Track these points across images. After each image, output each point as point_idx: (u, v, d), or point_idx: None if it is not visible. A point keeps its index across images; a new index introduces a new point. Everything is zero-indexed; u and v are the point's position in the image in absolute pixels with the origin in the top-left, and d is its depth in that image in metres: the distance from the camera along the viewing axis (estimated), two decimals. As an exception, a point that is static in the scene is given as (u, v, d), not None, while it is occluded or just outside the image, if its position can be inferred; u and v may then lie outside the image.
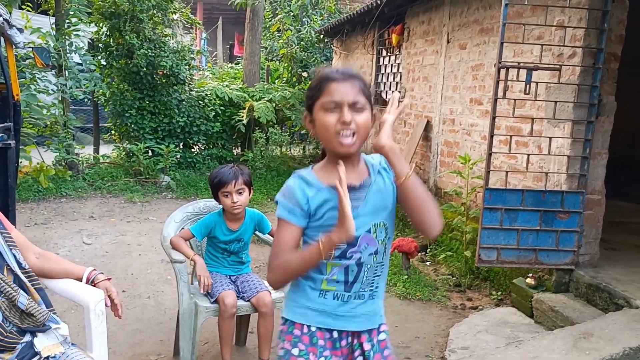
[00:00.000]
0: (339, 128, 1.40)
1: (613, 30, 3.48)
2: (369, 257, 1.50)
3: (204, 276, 2.67)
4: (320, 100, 1.43)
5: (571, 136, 3.52)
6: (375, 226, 1.50)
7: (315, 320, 1.53)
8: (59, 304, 3.20)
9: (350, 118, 1.40)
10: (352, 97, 1.41)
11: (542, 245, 3.57)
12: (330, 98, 1.41)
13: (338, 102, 1.40)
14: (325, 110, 1.42)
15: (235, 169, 2.74)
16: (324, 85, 1.43)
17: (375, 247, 1.51)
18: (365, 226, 1.48)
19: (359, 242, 1.48)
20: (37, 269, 1.95)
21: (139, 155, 7.30)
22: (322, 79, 1.44)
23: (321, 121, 1.43)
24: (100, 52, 7.75)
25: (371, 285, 1.54)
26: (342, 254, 1.48)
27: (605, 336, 2.85)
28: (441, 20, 5.50)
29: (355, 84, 1.43)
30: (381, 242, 1.52)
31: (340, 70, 1.46)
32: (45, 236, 5.13)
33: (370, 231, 1.49)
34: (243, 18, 10.77)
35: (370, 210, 1.49)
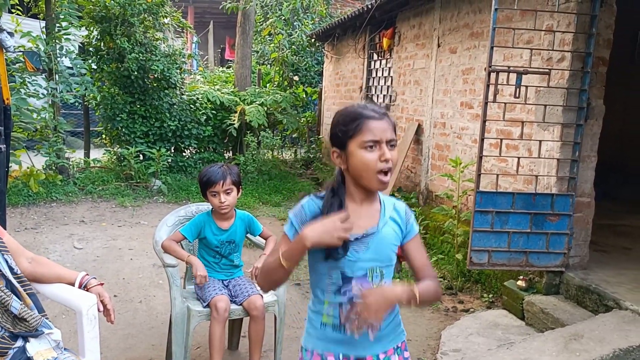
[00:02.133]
0: (381, 166, 1.45)
1: (601, 34, 3.53)
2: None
3: (201, 274, 2.66)
4: (358, 138, 1.46)
5: (561, 139, 3.56)
6: (371, 270, 1.54)
7: (321, 346, 1.60)
8: (51, 309, 3.18)
9: (391, 156, 1.46)
10: (390, 135, 1.47)
11: (532, 248, 3.60)
12: (370, 137, 1.45)
13: (378, 140, 1.45)
14: (364, 149, 1.45)
15: (223, 169, 2.73)
16: (361, 124, 1.46)
17: (369, 288, 1.53)
18: (362, 270, 1.53)
19: (353, 281, 1.53)
20: (29, 273, 1.94)
21: (130, 159, 7.27)
22: (357, 117, 1.47)
23: (361, 159, 1.46)
24: (91, 56, 7.72)
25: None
26: (337, 290, 1.54)
27: (595, 337, 2.88)
28: (432, 24, 5.54)
29: (390, 122, 1.49)
30: (375, 285, 1.55)
31: (373, 108, 1.50)
32: (35, 241, 5.09)
33: (365, 275, 1.53)
34: (234, 22, 10.78)
35: (369, 257, 1.53)
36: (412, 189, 6.00)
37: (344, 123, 1.49)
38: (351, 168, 1.49)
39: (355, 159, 1.47)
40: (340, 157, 1.52)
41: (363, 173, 1.47)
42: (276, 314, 2.84)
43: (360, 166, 1.46)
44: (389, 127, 1.48)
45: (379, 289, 1.48)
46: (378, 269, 1.55)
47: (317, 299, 1.59)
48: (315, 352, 1.61)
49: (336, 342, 1.58)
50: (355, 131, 1.46)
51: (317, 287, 1.59)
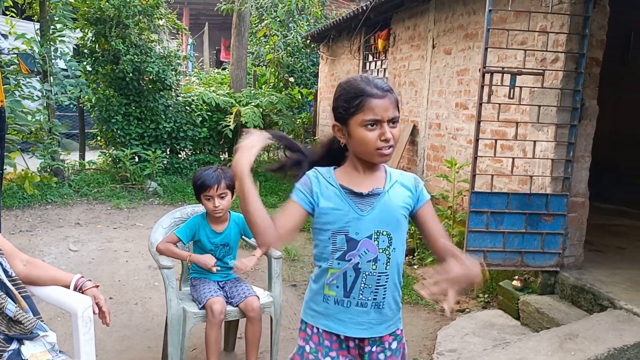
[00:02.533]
0: (380, 145, 1.46)
1: (594, 35, 3.55)
2: (367, 263, 1.52)
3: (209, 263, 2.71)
4: (359, 116, 1.46)
5: (555, 140, 3.57)
6: (378, 233, 1.52)
7: (320, 322, 1.60)
8: (46, 311, 3.17)
9: (391, 135, 1.46)
10: (391, 113, 1.47)
11: (527, 248, 3.61)
12: (371, 116, 1.45)
13: (379, 120, 1.45)
14: (365, 127, 1.46)
15: (218, 172, 2.73)
16: (364, 102, 1.45)
17: (374, 254, 1.52)
18: (368, 231, 1.51)
19: (359, 246, 1.51)
20: (24, 276, 1.93)
21: (126, 161, 7.26)
22: (361, 94, 1.46)
23: (361, 137, 1.47)
24: (86, 58, 7.71)
25: (375, 295, 1.55)
26: (341, 256, 1.52)
27: (590, 337, 2.89)
28: (426, 25, 5.56)
29: (392, 98, 1.48)
30: (382, 250, 1.53)
31: (377, 83, 1.48)
32: (30, 243, 5.08)
33: (371, 237, 1.52)
34: (229, 23, 10.77)
35: (375, 218, 1.52)
36: (407, 189, 6.00)
37: (346, 99, 1.49)
38: (351, 144, 1.52)
39: (355, 136, 1.48)
40: (341, 131, 1.54)
41: (363, 150, 1.49)
42: (272, 315, 2.84)
43: (360, 144, 1.48)
44: (391, 105, 1.47)
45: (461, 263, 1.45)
46: (385, 232, 1.53)
47: (321, 269, 1.57)
48: (315, 328, 1.61)
49: (336, 318, 1.57)
50: (356, 109, 1.46)
51: (321, 258, 1.57)
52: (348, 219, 1.51)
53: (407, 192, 1.58)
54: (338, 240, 1.52)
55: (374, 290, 1.55)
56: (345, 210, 1.51)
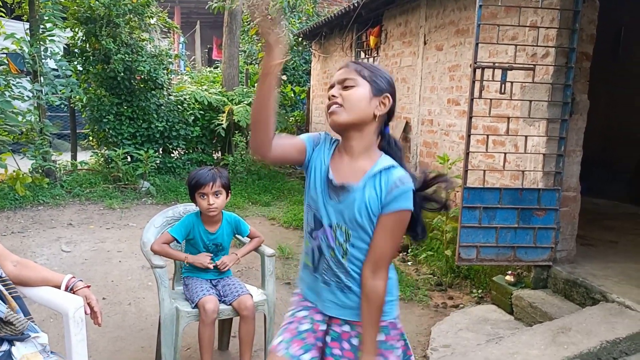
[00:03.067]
0: (327, 103, 1.54)
1: (584, 30, 3.56)
2: (327, 248, 1.57)
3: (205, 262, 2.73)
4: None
5: (546, 134, 3.59)
6: (337, 225, 1.54)
7: (300, 287, 1.72)
8: (38, 312, 3.16)
9: (335, 93, 1.52)
10: (341, 75, 1.53)
11: (520, 243, 3.62)
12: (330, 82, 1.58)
13: (332, 84, 1.56)
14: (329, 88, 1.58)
15: (213, 171, 2.74)
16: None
17: (332, 243, 1.55)
18: (328, 219, 1.55)
19: (321, 230, 1.57)
20: (14, 277, 1.92)
21: (118, 161, 7.22)
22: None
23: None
24: (77, 58, 7.66)
25: (337, 278, 1.58)
26: (310, 232, 1.60)
27: (582, 330, 2.91)
28: (418, 22, 5.56)
29: (351, 67, 1.55)
30: (339, 244, 1.54)
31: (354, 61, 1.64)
32: (22, 245, 5.04)
33: (331, 227, 1.55)
34: (221, 22, 10.73)
35: (337, 210, 1.54)
36: (400, 186, 6.01)
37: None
38: None
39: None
40: None
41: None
42: (266, 313, 2.84)
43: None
44: (345, 71, 1.54)
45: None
46: (344, 228, 1.53)
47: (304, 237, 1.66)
48: (300, 294, 1.71)
49: (310, 287, 1.65)
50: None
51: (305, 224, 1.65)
52: (317, 199, 1.56)
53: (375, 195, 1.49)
54: (309, 214, 1.60)
55: (335, 274, 1.57)
56: (318, 190, 1.56)
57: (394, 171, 1.50)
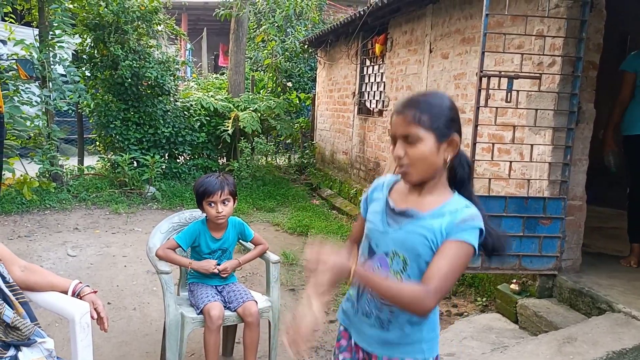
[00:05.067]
0: (395, 162, 1.46)
1: (591, 39, 3.57)
2: None
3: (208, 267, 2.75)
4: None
5: (552, 143, 3.58)
6: (394, 253, 1.47)
7: (341, 317, 1.66)
8: (43, 317, 3.17)
9: (401, 152, 1.42)
10: (402, 130, 1.42)
11: (525, 251, 3.61)
12: (390, 131, 1.47)
13: (393, 136, 1.45)
14: (392, 143, 1.48)
15: (221, 179, 2.75)
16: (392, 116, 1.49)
17: (385, 271, 1.47)
18: (385, 247, 1.48)
19: (375, 258, 1.51)
20: (21, 282, 1.93)
21: (124, 166, 7.26)
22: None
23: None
24: (85, 64, 7.72)
25: (379, 311, 1.50)
26: (362, 261, 1.55)
27: (588, 340, 2.89)
28: (423, 30, 5.58)
29: (408, 116, 1.40)
30: (394, 272, 1.46)
31: (405, 100, 1.46)
32: (29, 249, 5.07)
33: (387, 255, 1.48)
34: (227, 29, 10.80)
35: (397, 238, 1.46)
36: (406, 193, 6.01)
37: None
38: None
39: None
40: None
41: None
42: (270, 319, 2.85)
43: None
44: (404, 122, 1.40)
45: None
46: (401, 256, 1.45)
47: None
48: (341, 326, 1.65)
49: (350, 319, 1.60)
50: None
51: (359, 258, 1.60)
52: (375, 227, 1.51)
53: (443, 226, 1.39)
54: (364, 245, 1.56)
55: (378, 306, 1.50)
56: (377, 219, 1.51)
57: (468, 210, 1.42)
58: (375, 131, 6.88)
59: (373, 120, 7.08)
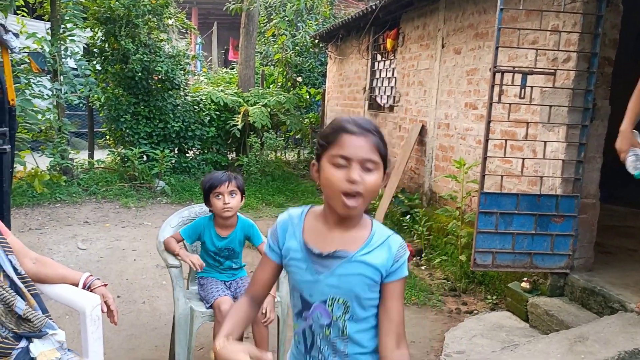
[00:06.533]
0: (345, 188, 1.28)
1: (607, 34, 3.51)
2: (319, 327, 1.39)
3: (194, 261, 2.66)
4: (329, 151, 1.31)
5: (566, 140, 3.54)
6: (332, 300, 1.36)
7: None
8: (54, 309, 3.18)
9: (359, 177, 1.27)
10: (365, 154, 1.28)
11: (537, 249, 3.58)
12: (340, 152, 1.28)
13: (348, 157, 1.28)
14: (333, 165, 1.29)
15: (228, 173, 2.74)
16: (336, 136, 1.30)
17: (328, 319, 1.37)
18: (322, 295, 1.36)
19: (312, 309, 1.38)
20: (33, 274, 1.94)
21: (134, 160, 7.29)
22: (336, 129, 1.32)
23: (327, 175, 1.30)
24: (96, 57, 7.75)
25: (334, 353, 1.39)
26: (298, 313, 1.43)
27: (600, 340, 2.86)
28: (436, 25, 5.53)
29: (373, 141, 1.30)
30: (337, 317, 1.37)
31: (359, 122, 1.32)
32: (39, 242, 5.10)
33: (325, 302, 1.37)
34: (238, 23, 10.79)
35: (332, 284, 1.36)
36: (415, 190, 5.98)
37: (324, 134, 1.35)
38: (322, 185, 1.35)
39: (323, 174, 1.32)
40: (315, 169, 1.38)
41: (329, 191, 1.32)
42: (279, 315, 2.83)
43: (327, 183, 1.31)
44: (367, 146, 1.28)
45: None
46: (341, 300, 1.35)
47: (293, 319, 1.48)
48: None
49: None
50: (329, 143, 1.31)
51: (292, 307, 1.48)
52: (303, 278, 1.38)
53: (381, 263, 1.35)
54: (294, 296, 1.43)
55: (332, 354, 1.40)
56: (302, 269, 1.38)
57: (394, 238, 1.39)
58: (386, 127, 6.85)
59: (384, 116, 7.05)
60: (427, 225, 5.07)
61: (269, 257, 1.45)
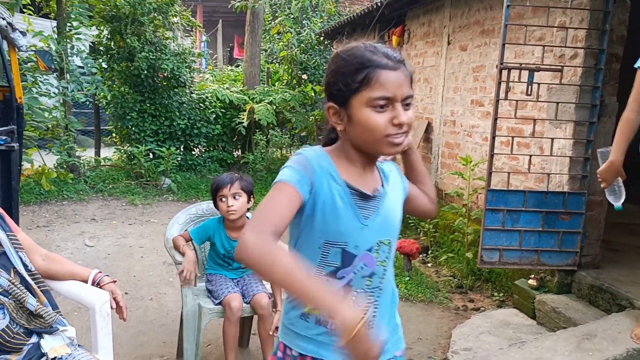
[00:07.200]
0: (392, 131, 1.15)
1: (614, 31, 3.49)
2: (361, 279, 1.25)
3: (187, 269, 2.61)
4: (364, 93, 1.13)
5: (573, 137, 3.53)
6: (379, 244, 1.26)
7: (295, 343, 1.29)
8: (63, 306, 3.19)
9: (407, 119, 1.15)
10: (406, 90, 1.15)
11: (544, 247, 3.57)
12: (381, 93, 1.12)
13: (391, 97, 1.13)
14: (372, 108, 1.14)
15: (233, 175, 2.70)
16: (371, 74, 1.13)
17: (371, 269, 1.26)
18: (368, 243, 1.24)
19: (355, 261, 1.23)
20: (43, 270, 1.95)
21: (140, 157, 7.31)
22: (368, 64, 1.14)
23: (367, 121, 1.14)
24: (102, 55, 7.77)
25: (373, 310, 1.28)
26: (331, 273, 1.23)
27: (608, 337, 2.85)
28: (442, 21, 5.51)
29: (406, 72, 1.17)
30: (380, 262, 1.27)
31: (386, 52, 1.16)
32: (47, 239, 5.13)
33: (371, 250, 1.25)
34: (243, 21, 10.79)
35: (379, 225, 1.25)
36: (421, 187, 5.97)
37: (347, 72, 1.15)
38: (353, 131, 1.19)
39: (359, 120, 1.16)
40: (338, 115, 1.20)
41: (368, 138, 1.17)
42: (287, 311, 2.84)
43: (366, 130, 1.16)
44: (405, 80, 1.15)
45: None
46: (387, 242, 1.27)
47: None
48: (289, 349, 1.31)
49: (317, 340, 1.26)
50: (361, 84, 1.13)
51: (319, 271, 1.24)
52: (349, 227, 1.21)
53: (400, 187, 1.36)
54: (331, 253, 1.22)
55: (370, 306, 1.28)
56: (348, 216, 1.20)
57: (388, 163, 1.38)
58: (391, 124, 6.83)
59: (389, 113, 7.03)
60: (434, 223, 5.07)
61: (297, 190, 1.16)
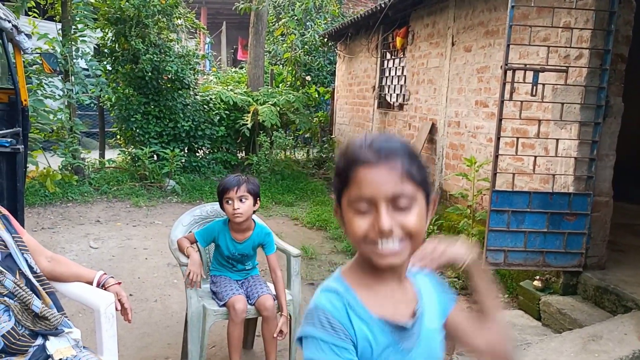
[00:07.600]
0: (374, 238, 0.95)
1: (620, 31, 3.48)
2: None
3: (193, 272, 2.61)
4: (346, 193, 0.97)
5: (578, 138, 3.51)
6: None
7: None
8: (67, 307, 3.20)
9: (389, 225, 0.93)
10: (392, 188, 0.93)
11: (549, 248, 3.56)
12: (357, 192, 0.94)
13: (369, 198, 0.94)
14: (354, 210, 0.96)
15: (240, 177, 2.69)
16: (351, 172, 0.95)
17: None
18: None
19: None
20: (48, 272, 1.95)
21: (144, 159, 7.33)
22: (349, 161, 0.97)
23: (349, 226, 0.98)
24: (106, 58, 7.80)
25: None
26: None
27: (614, 338, 2.84)
28: (446, 22, 5.51)
29: (398, 166, 0.94)
30: None
31: (375, 143, 0.96)
32: (52, 240, 5.15)
33: None
34: (247, 22, 10.81)
35: (423, 353, 1.04)
36: (426, 188, 5.96)
37: (338, 169, 1.00)
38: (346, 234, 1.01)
39: (346, 224, 1.00)
40: (337, 214, 1.03)
41: (355, 244, 0.99)
42: (291, 313, 2.84)
43: (349, 236, 0.99)
44: (394, 177, 0.93)
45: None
46: None
47: None
48: None
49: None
50: (343, 184, 0.98)
51: None
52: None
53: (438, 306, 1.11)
54: None
55: None
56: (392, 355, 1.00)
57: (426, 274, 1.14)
58: (396, 125, 6.83)
59: (393, 114, 7.03)
60: (438, 224, 5.06)
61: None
